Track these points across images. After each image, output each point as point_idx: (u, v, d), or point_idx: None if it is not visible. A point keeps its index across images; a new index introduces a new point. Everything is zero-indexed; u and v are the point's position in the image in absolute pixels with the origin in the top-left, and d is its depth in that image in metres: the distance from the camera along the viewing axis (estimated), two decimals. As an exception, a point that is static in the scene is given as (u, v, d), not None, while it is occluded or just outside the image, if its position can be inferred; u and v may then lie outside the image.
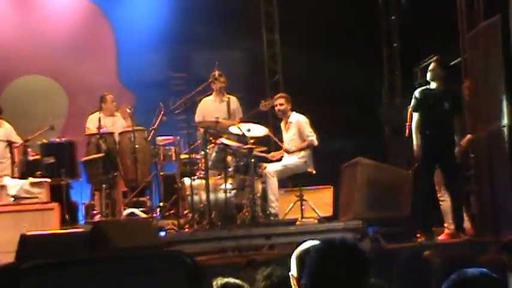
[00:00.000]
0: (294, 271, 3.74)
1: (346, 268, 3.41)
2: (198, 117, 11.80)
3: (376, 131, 13.02)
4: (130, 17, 14.42)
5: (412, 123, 10.17)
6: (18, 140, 12.15)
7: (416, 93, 10.19)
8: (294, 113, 11.60)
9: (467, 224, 10.31)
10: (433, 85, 10.09)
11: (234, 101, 11.98)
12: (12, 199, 11.13)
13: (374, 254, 6.64)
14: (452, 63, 11.35)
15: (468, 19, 11.24)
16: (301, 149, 11.45)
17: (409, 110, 10.47)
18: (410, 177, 11.08)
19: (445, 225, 10.23)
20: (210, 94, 11.96)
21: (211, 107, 11.85)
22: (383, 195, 11.18)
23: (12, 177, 11.67)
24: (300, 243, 9.09)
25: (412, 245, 9.59)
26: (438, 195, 10.29)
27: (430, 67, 10.23)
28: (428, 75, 10.21)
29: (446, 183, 10.14)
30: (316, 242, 3.62)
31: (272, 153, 11.72)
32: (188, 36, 14.13)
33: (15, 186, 11.34)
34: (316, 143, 11.46)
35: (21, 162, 11.93)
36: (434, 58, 10.62)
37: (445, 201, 10.34)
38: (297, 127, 11.49)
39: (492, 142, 10.04)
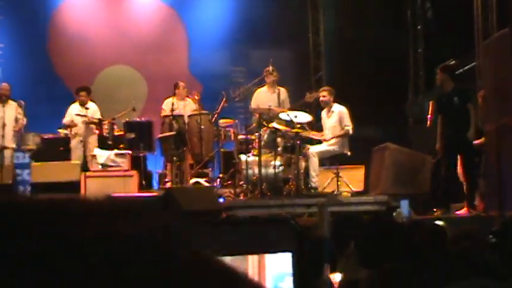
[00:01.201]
0: None
1: None
2: (253, 105, 11.84)
3: (402, 122, 12.91)
4: (200, 19, 14.41)
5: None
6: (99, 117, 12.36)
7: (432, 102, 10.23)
8: (336, 104, 11.58)
9: (477, 202, 10.29)
10: (446, 87, 10.11)
11: (283, 92, 11.99)
12: (100, 166, 11.40)
13: (406, 223, 6.59)
14: (468, 67, 11.29)
15: (483, 29, 11.18)
16: (338, 137, 11.50)
17: (431, 103, 10.46)
18: (429, 161, 11.00)
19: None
20: (264, 86, 12.00)
21: (264, 97, 11.89)
22: (406, 175, 11.09)
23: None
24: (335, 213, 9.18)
25: (431, 217, 9.51)
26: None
27: (437, 74, 10.24)
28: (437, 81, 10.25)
29: (462, 166, 10.11)
30: None
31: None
32: (248, 36, 14.06)
33: (103, 156, 11.59)
34: (351, 132, 11.42)
35: (109, 136, 12.14)
36: (439, 67, 10.55)
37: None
38: (339, 116, 11.46)
39: (500, 135, 9.97)
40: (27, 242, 0.65)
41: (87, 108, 12.23)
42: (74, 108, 12.29)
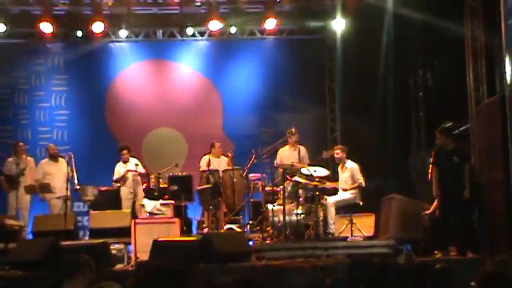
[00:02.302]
0: None
1: None
2: (278, 161, 11.88)
3: (407, 175, 12.81)
4: (233, 88, 14.48)
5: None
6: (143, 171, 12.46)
7: (433, 152, 10.14)
8: (349, 160, 11.52)
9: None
10: (446, 146, 10.02)
11: (303, 150, 11.97)
12: (148, 214, 11.42)
13: (408, 266, 6.53)
14: (463, 128, 11.24)
15: (475, 96, 11.16)
16: (352, 189, 11.46)
17: (430, 164, 10.35)
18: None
19: None
20: (286, 145, 11.97)
21: (287, 154, 11.86)
22: (411, 221, 11.03)
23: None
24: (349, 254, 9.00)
25: (432, 259, 9.40)
26: None
27: (437, 135, 10.08)
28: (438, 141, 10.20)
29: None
30: None
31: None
32: (274, 102, 14.12)
33: (150, 205, 11.62)
34: (363, 185, 11.33)
35: (155, 188, 12.15)
36: (438, 129, 10.50)
37: None
38: (351, 171, 11.39)
39: (490, 188, 9.96)
40: None
41: (136, 164, 12.37)
42: (119, 166, 12.43)
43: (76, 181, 11.77)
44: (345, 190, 11.46)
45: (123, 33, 13.79)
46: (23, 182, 12.13)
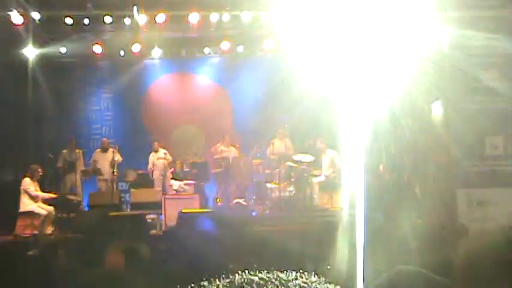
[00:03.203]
0: None
1: None
2: (268, 151, 11.96)
3: None
4: (240, 93, 14.40)
5: None
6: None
7: None
8: (329, 149, 11.65)
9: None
10: None
11: (288, 141, 12.06)
12: (174, 192, 11.53)
13: None
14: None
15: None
16: (333, 172, 11.53)
17: None
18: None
19: None
20: (276, 138, 12.10)
21: (277, 145, 11.96)
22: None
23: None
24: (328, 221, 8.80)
25: None
26: None
27: None
28: None
29: None
30: None
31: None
32: (271, 104, 13.91)
33: (176, 184, 11.74)
34: (341, 168, 11.36)
35: (180, 172, 12.24)
36: None
37: None
38: (330, 158, 11.57)
39: (438, 169, 9.93)
40: None
41: (164, 153, 12.41)
42: (151, 155, 12.52)
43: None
44: (326, 171, 11.54)
45: (155, 52, 13.83)
46: (78, 168, 12.29)
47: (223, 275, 1.34)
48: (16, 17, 11.40)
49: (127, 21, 12.20)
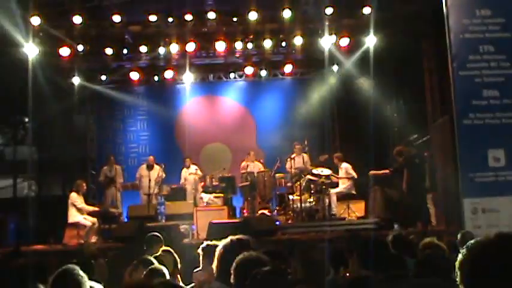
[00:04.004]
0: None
1: None
2: (287, 166, 11.74)
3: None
4: (263, 113, 14.53)
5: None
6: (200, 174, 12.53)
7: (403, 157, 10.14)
8: (344, 162, 11.62)
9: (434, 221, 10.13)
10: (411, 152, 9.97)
11: (306, 156, 11.93)
12: (205, 203, 11.59)
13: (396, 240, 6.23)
14: (425, 138, 11.19)
15: (432, 115, 11.13)
16: (347, 179, 11.47)
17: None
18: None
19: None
20: (293, 153, 11.99)
21: (296, 160, 11.82)
22: (391, 206, 10.99)
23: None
24: (347, 230, 8.74)
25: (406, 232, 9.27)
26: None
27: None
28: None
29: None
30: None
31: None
32: (292, 122, 13.97)
33: (206, 197, 11.79)
34: (356, 177, 11.45)
35: (210, 186, 12.30)
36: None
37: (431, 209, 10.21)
38: (345, 170, 11.54)
39: (444, 179, 9.92)
40: None
41: (195, 169, 12.52)
42: (183, 171, 12.60)
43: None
44: (343, 183, 11.51)
45: (186, 77, 14.00)
46: (116, 182, 12.47)
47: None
48: (64, 50, 11.70)
49: (161, 50, 12.41)
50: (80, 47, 11.92)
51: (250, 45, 12.47)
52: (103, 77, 13.70)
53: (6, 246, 9.81)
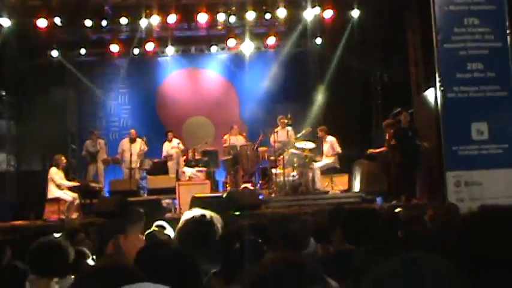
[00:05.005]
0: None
1: None
2: (272, 139, 11.73)
3: (369, 145, 12.44)
4: (246, 86, 14.40)
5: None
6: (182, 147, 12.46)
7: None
8: (329, 135, 11.57)
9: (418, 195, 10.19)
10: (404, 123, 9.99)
11: (290, 130, 11.82)
12: (187, 178, 11.55)
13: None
14: (410, 111, 11.19)
15: (417, 88, 11.15)
16: (332, 156, 11.51)
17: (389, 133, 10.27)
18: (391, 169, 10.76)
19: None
20: (278, 127, 11.89)
21: (280, 133, 11.75)
22: (374, 179, 11.06)
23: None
24: (330, 203, 8.81)
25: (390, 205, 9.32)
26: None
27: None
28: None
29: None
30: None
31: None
32: (275, 95, 13.96)
33: (189, 171, 11.75)
34: (340, 152, 11.43)
35: (192, 159, 12.23)
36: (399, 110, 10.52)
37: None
38: (330, 143, 11.51)
39: (428, 152, 9.93)
40: None
41: (178, 142, 12.43)
42: (166, 144, 12.50)
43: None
44: (327, 156, 11.51)
45: (169, 50, 13.76)
46: (99, 157, 12.33)
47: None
48: (41, 22, 11.39)
49: (142, 22, 12.17)
50: (58, 19, 11.61)
51: (232, 18, 12.28)
52: (82, 50, 13.41)
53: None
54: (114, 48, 13.06)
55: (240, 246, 2.68)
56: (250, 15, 12.10)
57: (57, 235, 5.07)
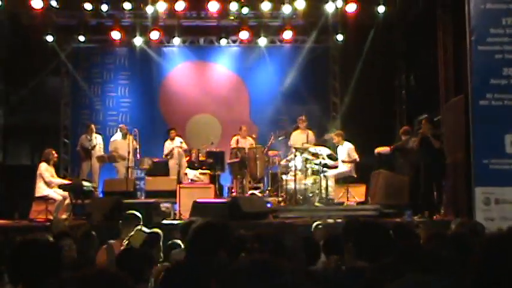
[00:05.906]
0: None
1: None
2: (291, 142, 11.93)
3: (392, 154, 12.41)
4: (257, 83, 14.37)
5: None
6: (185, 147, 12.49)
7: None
8: (346, 142, 11.55)
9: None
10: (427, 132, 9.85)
11: (311, 133, 11.93)
12: (189, 181, 11.56)
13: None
14: (436, 119, 11.15)
15: (445, 95, 11.08)
16: (348, 163, 11.48)
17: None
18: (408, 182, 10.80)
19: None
20: (297, 129, 12.00)
21: (298, 137, 11.88)
22: (394, 191, 10.98)
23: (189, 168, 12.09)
24: (345, 216, 8.79)
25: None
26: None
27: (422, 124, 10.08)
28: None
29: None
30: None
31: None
32: (289, 95, 13.96)
33: (191, 173, 11.76)
34: (358, 160, 11.39)
35: (195, 161, 12.24)
36: (424, 117, 10.47)
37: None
38: (347, 150, 11.53)
39: (455, 165, 9.89)
40: None
41: (180, 141, 12.43)
42: (167, 143, 12.53)
43: (138, 151, 11.89)
44: (343, 162, 11.47)
45: (175, 40, 13.80)
46: (94, 154, 12.36)
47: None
48: (36, 2, 11.46)
49: (147, 8, 12.22)
50: (54, 1, 11.69)
51: (246, 8, 12.31)
52: (81, 37, 13.49)
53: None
54: (116, 35, 13.12)
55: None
56: (266, 6, 12.14)
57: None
